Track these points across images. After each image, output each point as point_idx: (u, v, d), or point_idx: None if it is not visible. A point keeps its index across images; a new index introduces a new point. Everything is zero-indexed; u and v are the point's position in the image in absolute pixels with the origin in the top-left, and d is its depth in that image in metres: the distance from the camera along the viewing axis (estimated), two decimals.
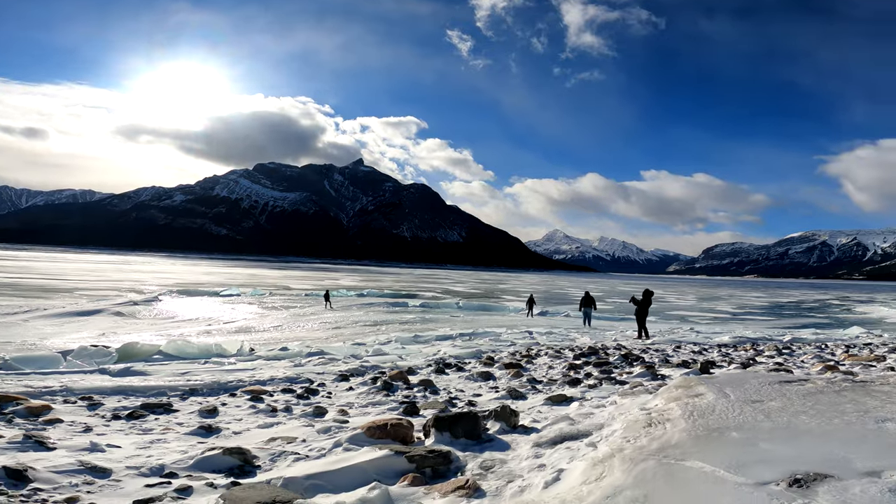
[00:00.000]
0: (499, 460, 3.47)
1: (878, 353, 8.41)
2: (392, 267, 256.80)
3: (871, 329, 18.82)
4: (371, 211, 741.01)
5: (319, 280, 67.66)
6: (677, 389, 4.36)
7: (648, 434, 3.13)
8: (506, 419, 4.34)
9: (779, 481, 2.17)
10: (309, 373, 7.34)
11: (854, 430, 2.90)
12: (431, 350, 10.27)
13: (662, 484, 2.29)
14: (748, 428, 3.04)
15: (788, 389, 4.08)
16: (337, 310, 27.55)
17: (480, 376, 7.07)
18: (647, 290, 13.96)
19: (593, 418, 4.34)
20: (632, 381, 6.04)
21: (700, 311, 40.66)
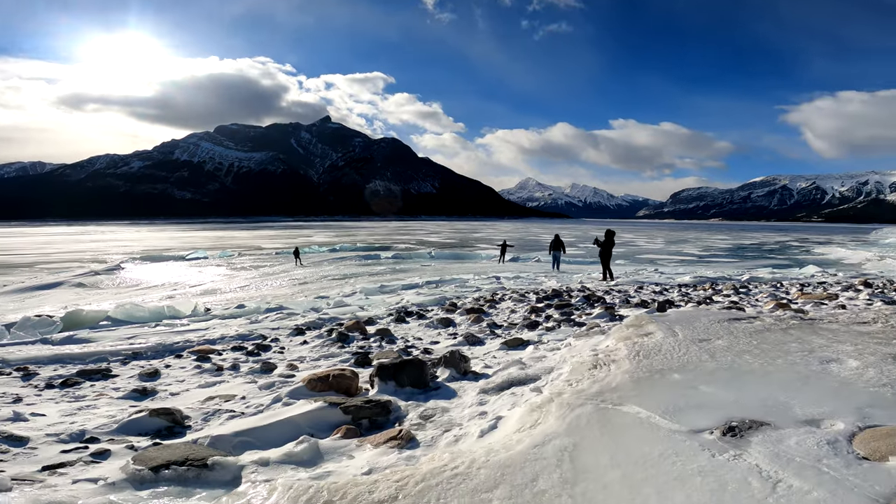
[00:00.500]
0: (441, 409, 3.35)
1: (831, 292, 8.60)
2: (366, 221, 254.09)
3: (826, 269, 19.52)
4: (342, 167, 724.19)
5: (291, 238, 66.42)
6: (628, 329, 4.27)
7: (592, 377, 3.01)
8: (455, 365, 4.20)
9: (713, 429, 2.07)
10: (263, 329, 7.09)
11: (797, 371, 2.82)
12: (395, 299, 10.10)
13: (595, 431, 2.17)
14: (691, 369, 2.94)
15: (737, 327, 4.03)
16: (307, 266, 27.11)
17: (440, 323, 6.94)
18: (609, 230, 13.93)
19: (545, 362, 4.24)
20: (590, 322, 5.98)
21: (668, 253, 41.71)
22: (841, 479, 1.58)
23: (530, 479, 1.85)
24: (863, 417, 2.06)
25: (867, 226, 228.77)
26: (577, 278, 14.42)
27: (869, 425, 1.97)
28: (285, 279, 20.82)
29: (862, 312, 5.06)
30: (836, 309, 6.19)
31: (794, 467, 1.69)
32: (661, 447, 1.94)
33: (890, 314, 4.91)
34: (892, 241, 63.63)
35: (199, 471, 2.33)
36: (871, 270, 22.77)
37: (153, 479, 2.28)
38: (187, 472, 2.33)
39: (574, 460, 1.94)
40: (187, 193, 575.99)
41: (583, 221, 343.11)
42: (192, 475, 2.31)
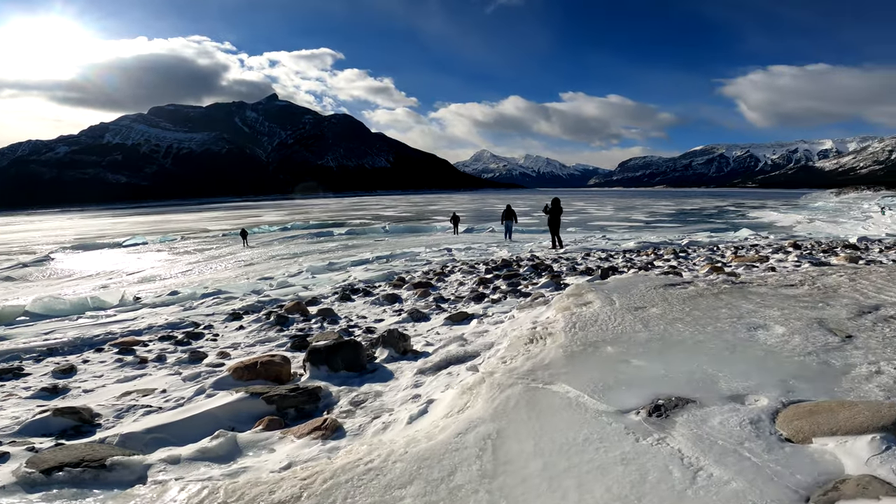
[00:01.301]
0: (374, 393, 3.17)
1: (763, 254, 8.98)
2: (320, 198, 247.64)
3: (759, 232, 20.62)
4: (291, 144, 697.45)
5: (239, 219, 63.81)
6: (568, 298, 4.20)
7: (527, 353, 2.91)
8: (394, 345, 4.01)
9: (640, 408, 1.98)
10: (197, 316, 6.65)
11: (725, 339, 2.80)
12: (343, 277, 9.79)
13: (522, 414, 2.05)
14: (625, 340, 2.88)
15: (672, 293, 4.03)
16: (256, 247, 26.11)
17: (387, 299, 6.74)
18: (555, 198, 13.99)
19: (486, 337, 4.13)
20: (535, 292, 5.94)
21: (617, 220, 43.05)
22: (762, 466, 1.51)
23: (448, 472, 1.71)
24: (787, 392, 2.02)
25: (797, 191, 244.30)
26: (529, 247, 14.53)
27: (793, 400, 1.93)
28: (231, 261, 19.96)
29: (790, 275, 5.24)
30: (766, 271, 6.44)
31: (715, 452, 1.61)
32: (586, 431, 1.84)
33: (816, 276, 5.10)
34: (820, 204, 68.47)
35: (96, 472, 2.18)
36: (801, 232, 24.32)
37: (45, 483, 2.12)
38: (83, 473, 2.16)
39: (496, 450, 1.81)
40: (122, 177, 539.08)
41: (537, 191, 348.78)
42: (89, 476, 2.16)
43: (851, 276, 5.00)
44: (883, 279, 4.78)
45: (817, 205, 67.21)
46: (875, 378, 2.15)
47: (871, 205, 57.27)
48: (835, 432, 1.60)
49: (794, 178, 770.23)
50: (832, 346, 2.63)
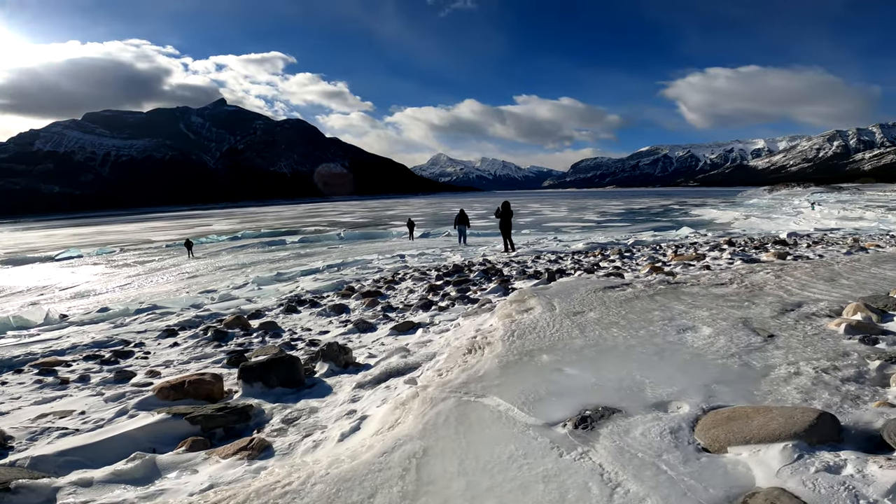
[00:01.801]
0: (310, 409, 3.05)
1: (700, 252, 9.38)
2: (273, 205, 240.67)
3: (698, 229, 21.66)
4: (242, 150, 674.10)
5: (186, 229, 61.02)
6: (511, 305, 4.20)
7: (463, 364, 2.86)
8: (334, 358, 3.88)
9: (567, 420, 1.96)
10: (128, 333, 6.25)
11: (655, 343, 2.84)
12: (290, 288, 9.48)
13: (450, 431, 1.99)
14: (560, 348, 2.88)
15: (610, 296, 4.10)
16: (203, 257, 24.98)
17: (334, 310, 6.55)
18: (506, 202, 14.14)
19: (429, 347, 4.06)
20: (483, 298, 5.94)
21: (571, 221, 44.18)
22: (677, 480, 1.50)
23: (368, 494, 1.63)
24: (708, 397, 2.05)
25: (734, 189, 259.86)
26: (482, 251, 14.61)
27: (713, 406, 1.95)
28: (174, 274, 18.98)
29: (722, 273, 5.47)
30: (701, 270, 6.71)
31: (634, 466, 1.60)
32: (512, 447, 1.80)
33: (745, 273, 5.35)
34: (755, 201, 72.93)
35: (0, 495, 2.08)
36: (738, 229, 25.76)
37: None
38: None
39: (420, 469, 1.74)
40: (55, 187, 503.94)
41: (493, 194, 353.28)
42: None
43: (778, 272, 5.27)
44: (806, 275, 5.07)
45: (752, 202, 71.57)
46: (793, 380, 2.22)
47: (801, 201, 61.58)
48: (748, 441, 1.62)
49: (731, 177, 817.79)
50: (754, 347, 2.72)
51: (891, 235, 14.52)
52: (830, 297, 3.98)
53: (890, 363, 2.43)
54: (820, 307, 3.61)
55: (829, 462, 1.49)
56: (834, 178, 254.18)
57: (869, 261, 6.29)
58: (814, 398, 2.00)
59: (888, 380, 2.26)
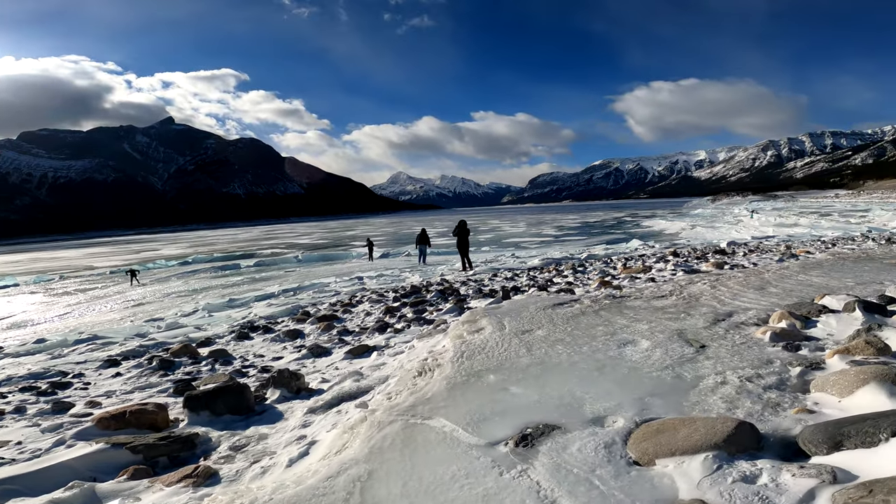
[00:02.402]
0: (259, 436, 3.02)
1: (647, 265, 9.80)
2: (227, 228, 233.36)
3: (647, 241, 22.61)
4: (192, 171, 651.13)
5: (132, 254, 58.09)
6: (463, 325, 4.26)
7: (413, 386, 2.90)
8: (286, 384, 3.84)
9: (508, 440, 2.02)
10: (66, 364, 5.95)
11: (597, 358, 2.96)
12: (243, 314, 9.20)
13: (396, 454, 2.02)
14: (507, 367, 2.96)
15: (558, 313, 4.23)
16: (150, 284, 23.82)
17: (288, 335, 6.43)
18: (462, 220, 14.35)
19: (383, 370, 4.05)
20: (439, 318, 5.99)
21: (530, 236, 45.03)
22: (608, 495, 1.57)
23: None
24: (642, 410, 2.16)
25: (680, 199, 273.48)
26: (441, 270, 14.68)
27: (646, 419, 2.06)
28: (118, 302, 18.00)
29: (663, 285, 5.75)
30: (646, 283, 7.02)
31: (569, 482, 1.67)
32: (455, 467, 1.84)
33: (685, 285, 5.64)
34: (699, 211, 76.94)
35: None
36: (684, 238, 27.06)
37: None
38: None
39: (364, 492, 1.76)
40: None
41: (454, 211, 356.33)
42: None
43: (713, 283, 5.59)
44: (739, 285, 5.40)
45: (697, 212, 75.44)
46: (720, 389, 2.37)
47: (741, 209, 65.46)
48: (674, 452, 1.71)
49: (678, 188, 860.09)
50: (687, 358, 2.88)
51: (821, 241, 15.62)
52: (759, 306, 4.26)
53: (810, 369, 2.63)
54: (749, 316, 3.87)
55: (746, 472, 1.60)
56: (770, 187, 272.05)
57: (797, 268, 6.78)
58: (737, 407, 2.14)
59: (808, 386, 2.44)
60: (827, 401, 2.16)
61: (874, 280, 5.56)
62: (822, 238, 18.43)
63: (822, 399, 2.19)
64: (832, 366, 2.61)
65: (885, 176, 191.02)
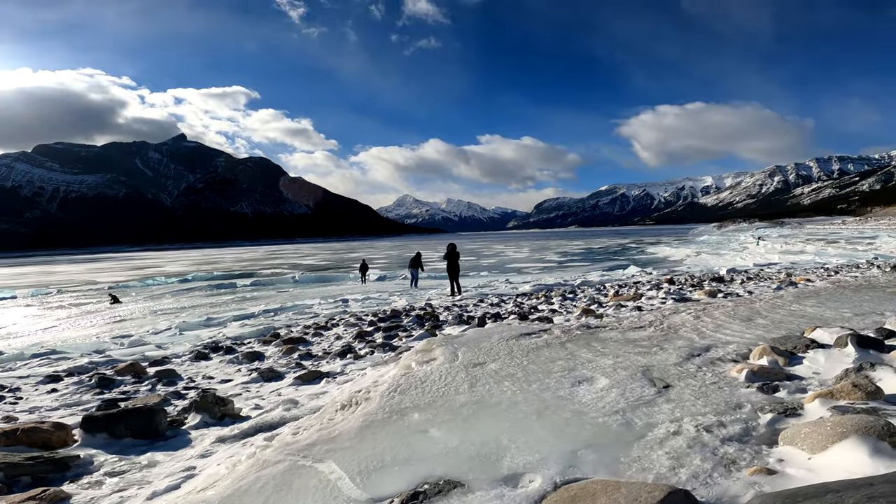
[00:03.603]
0: (148, 463, 2.80)
1: (640, 292, 9.41)
2: (233, 247, 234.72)
3: (646, 268, 22.11)
4: (201, 189, 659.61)
5: (138, 269, 58.18)
6: (416, 355, 3.90)
7: (328, 421, 2.56)
8: (208, 410, 3.59)
9: (396, 497, 1.69)
10: (10, 377, 5.80)
11: (543, 399, 2.59)
12: (213, 333, 8.89)
13: (258, 500, 1.68)
14: (439, 405, 2.60)
15: (521, 345, 3.85)
16: (143, 300, 23.55)
17: (247, 358, 6.11)
18: (452, 244, 14.05)
19: (321, 399, 3.70)
20: (405, 345, 5.62)
21: (532, 261, 44.60)
22: None
23: None
24: (569, 467, 1.80)
25: (686, 226, 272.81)
26: (432, 294, 14.30)
27: (567, 480, 1.70)
28: (105, 317, 17.71)
29: (646, 315, 5.36)
30: (631, 311, 6.63)
31: None
32: None
33: (668, 314, 5.25)
34: (705, 238, 76.32)
35: None
36: (689, 264, 26.55)
37: None
38: None
39: None
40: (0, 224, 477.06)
41: (458, 235, 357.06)
42: None
43: (699, 313, 5.19)
44: (725, 315, 4.99)
45: (702, 238, 74.76)
46: (669, 441, 1.99)
47: (747, 236, 64.83)
48: None
49: (684, 214, 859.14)
50: (645, 401, 2.49)
51: (824, 268, 15.14)
52: (742, 339, 3.87)
53: (783, 416, 2.25)
54: (728, 350, 3.47)
55: None
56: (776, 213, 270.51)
57: (792, 297, 6.36)
58: (683, 465, 1.76)
59: (777, 436, 2.06)
60: (794, 457, 1.78)
61: (874, 310, 5.15)
62: (825, 265, 17.93)
63: (790, 455, 1.81)
64: (810, 412, 2.22)
65: (893, 202, 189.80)
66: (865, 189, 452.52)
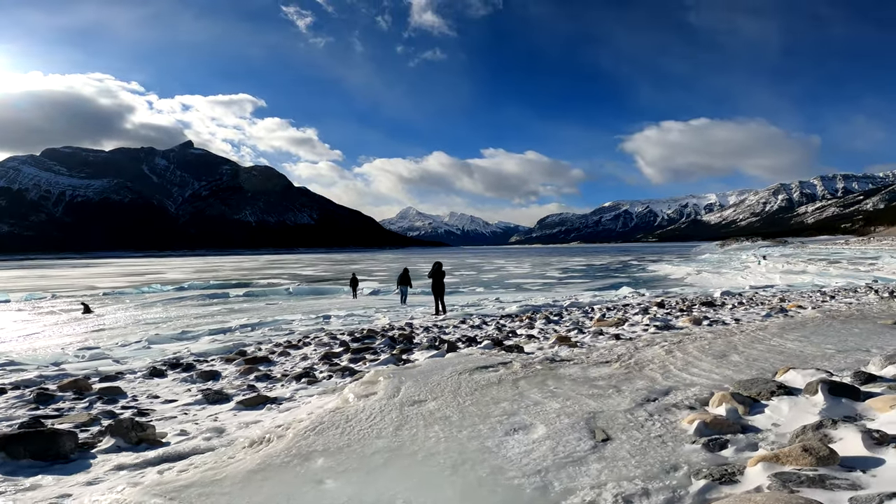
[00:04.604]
0: (31, 486, 2.70)
1: (624, 316, 9.11)
2: (235, 255, 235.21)
3: (639, 289, 21.74)
4: (206, 196, 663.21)
5: (137, 276, 58.15)
6: (360, 386, 3.67)
7: (227, 459, 2.38)
8: (123, 434, 3.47)
9: None
10: None
11: (465, 450, 2.34)
12: (179, 348, 8.65)
13: None
14: (351, 451, 2.36)
15: (473, 379, 3.58)
16: (133, 308, 23.33)
17: (202, 377, 5.87)
18: (437, 262, 13.83)
19: (249, 429, 3.46)
20: (366, 369, 5.36)
21: (533, 277, 44.28)
22: None
23: None
24: None
25: (689, 244, 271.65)
26: (419, 311, 14.02)
27: None
28: (89, 325, 17.47)
29: (619, 346, 5.09)
30: (608, 340, 6.37)
31: None
32: None
33: (643, 346, 4.98)
34: (707, 256, 75.85)
35: None
36: (682, 286, 26.20)
37: None
38: None
39: None
40: (4, 226, 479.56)
41: (461, 249, 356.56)
42: None
43: (673, 346, 4.90)
44: (699, 350, 4.71)
45: (704, 257, 74.25)
46: None
47: (749, 255, 64.37)
48: None
49: (687, 232, 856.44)
50: (575, 458, 2.23)
51: (821, 292, 14.82)
52: (709, 380, 3.59)
53: (718, 483, 1.98)
54: (689, 395, 3.20)
55: None
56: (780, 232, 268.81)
57: (776, 328, 6.07)
58: None
59: None
60: None
61: (859, 347, 4.86)
62: (823, 288, 17.60)
63: None
64: (750, 479, 1.96)
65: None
66: (869, 208, 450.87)
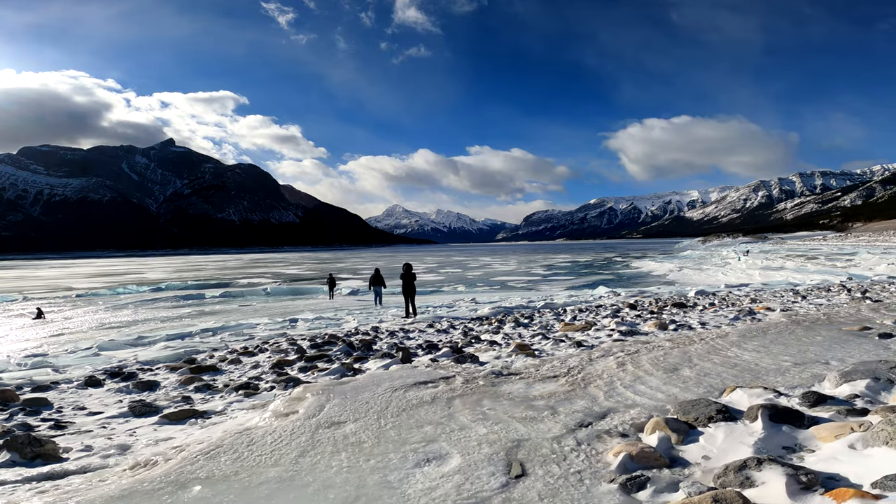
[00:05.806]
0: None
1: (594, 320, 8.97)
2: (219, 254, 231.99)
3: (615, 288, 21.68)
4: (188, 195, 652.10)
5: (116, 276, 56.85)
6: (285, 403, 3.43)
7: (98, 482, 2.25)
8: (18, 449, 3.32)
9: None
10: None
11: (364, 485, 2.14)
12: (129, 354, 8.32)
13: None
14: (239, 479, 2.17)
15: (405, 398, 3.36)
16: (102, 311, 22.67)
17: (139, 387, 5.61)
18: (407, 264, 13.62)
19: (158, 446, 3.24)
20: (313, 380, 5.11)
21: (517, 275, 44.25)
22: None
23: None
24: None
25: (672, 240, 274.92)
26: (389, 314, 13.76)
27: None
28: (52, 329, 16.89)
29: (573, 358, 4.90)
30: (569, 348, 6.20)
31: None
32: None
33: (597, 357, 4.80)
34: (688, 253, 76.67)
35: None
36: (660, 284, 26.33)
37: None
38: None
39: None
40: None
41: (448, 247, 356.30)
42: None
43: (626, 358, 4.73)
44: (652, 363, 4.54)
45: (686, 253, 75.03)
46: None
47: (730, 251, 65.20)
48: None
49: (670, 228, 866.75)
50: (480, 498, 2.01)
51: (794, 292, 14.88)
52: (652, 400, 3.41)
53: None
54: (626, 419, 3.00)
55: None
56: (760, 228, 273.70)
57: (737, 336, 5.93)
58: None
59: None
60: None
61: (818, 358, 4.69)
62: (797, 287, 17.74)
63: None
64: None
65: (874, 218, 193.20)
66: (847, 204, 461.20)
